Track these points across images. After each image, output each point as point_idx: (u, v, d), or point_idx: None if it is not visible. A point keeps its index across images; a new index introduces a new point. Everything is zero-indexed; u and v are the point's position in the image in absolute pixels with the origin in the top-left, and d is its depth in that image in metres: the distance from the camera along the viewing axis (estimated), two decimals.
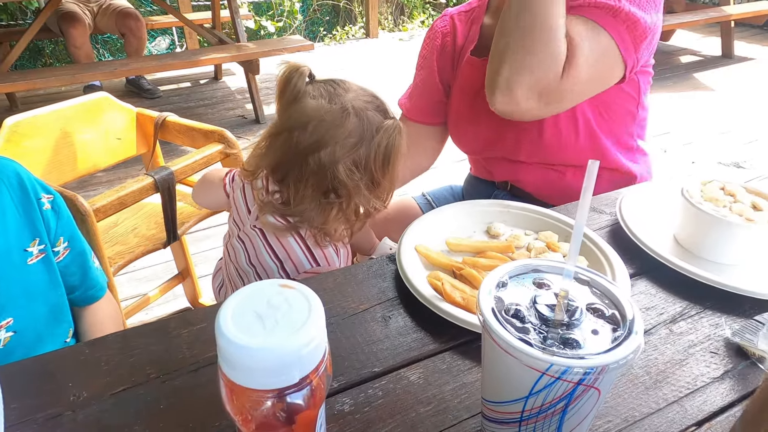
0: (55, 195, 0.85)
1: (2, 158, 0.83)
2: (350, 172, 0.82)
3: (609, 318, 0.41)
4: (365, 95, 0.85)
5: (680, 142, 3.07)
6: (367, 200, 0.86)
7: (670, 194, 0.85)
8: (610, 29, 0.87)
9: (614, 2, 0.87)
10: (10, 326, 0.76)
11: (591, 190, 0.40)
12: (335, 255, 0.92)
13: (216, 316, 0.35)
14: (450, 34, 1.15)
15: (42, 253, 0.81)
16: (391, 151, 0.84)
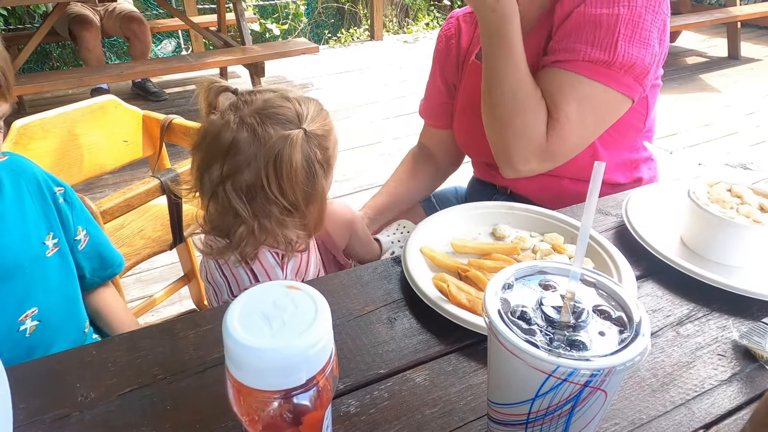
0: (66, 187, 0.89)
1: (21, 158, 0.87)
2: (239, 193, 0.76)
3: (615, 320, 0.41)
4: (272, 106, 0.77)
5: (686, 144, 3.06)
6: (282, 226, 0.78)
7: (676, 196, 0.84)
8: (605, 80, 0.88)
9: (608, 55, 0.86)
10: (35, 315, 0.80)
11: (597, 193, 0.40)
12: (276, 266, 0.85)
13: (223, 317, 0.35)
14: (454, 37, 1.15)
15: (56, 246, 0.84)
16: (283, 167, 0.73)
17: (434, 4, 6.20)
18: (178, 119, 1.45)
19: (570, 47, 0.89)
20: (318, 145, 0.77)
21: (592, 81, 0.88)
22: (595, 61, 0.87)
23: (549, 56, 0.92)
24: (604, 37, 0.86)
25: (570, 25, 0.89)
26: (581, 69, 0.88)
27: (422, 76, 4.15)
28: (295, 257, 0.87)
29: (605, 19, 0.86)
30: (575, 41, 0.88)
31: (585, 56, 0.87)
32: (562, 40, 0.90)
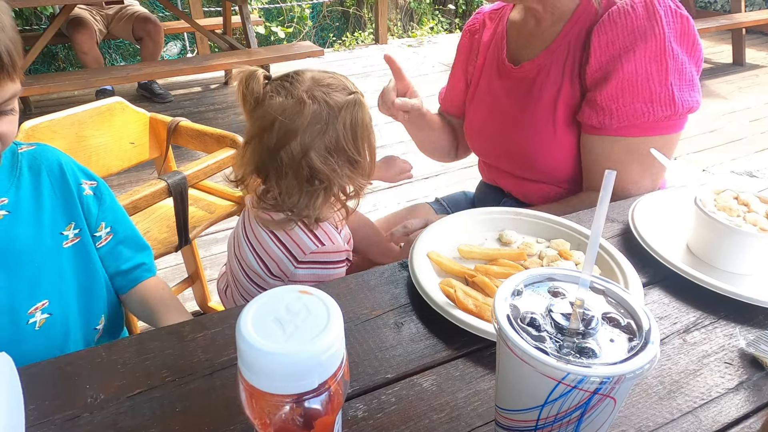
0: (99, 181, 0.89)
1: (48, 147, 0.88)
2: (324, 157, 0.84)
3: (625, 327, 0.41)
4: (323, 79, 0.85)
5: (691, 150, 3.06)
6: (351, 179, 0.88)
7: (682, 203, 0.84)
8: (668, 130, 0.93)
9: (670, 109, 0.90)
10: (46, 308, 0.79)
11: (607, 201, 0.40)
12: (335, 232, 0.93)
13: (237, 320, 0.35)
14: (478, 32, 1.18)
15: (77, 237, 0.84)
16: (357, 126, 0.85)
17: (439, 8, 6.22)
18: (185, 121, 1.46)
19: (630, 109, 0.91)
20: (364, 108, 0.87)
21: (655, 137, 0.93)
22: (659, 119, 0.91)
23: (607, 118, 0.93)
24: (660, 91, 0.90)
25: (622, 82, 0.91)
26: (647, 131, 0.93)
27: (427, 80, 4.18)
28: (344, 230, 0.96)
29: (656, 74, 0.89)
30: (633, 101, 0.91)
31: (650, 117, 0.91)
32: (617, 98, 0.92)
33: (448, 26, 6.09)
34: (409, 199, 2.58)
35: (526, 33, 1.06)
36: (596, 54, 0.92)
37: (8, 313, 0.75)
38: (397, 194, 2.63)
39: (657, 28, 0.88)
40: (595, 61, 0.93)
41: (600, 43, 0.92)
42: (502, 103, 1.08)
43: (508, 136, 1.07)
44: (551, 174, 1.05)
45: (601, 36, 0.92)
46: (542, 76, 1.01)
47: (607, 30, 0.91)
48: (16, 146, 0.82)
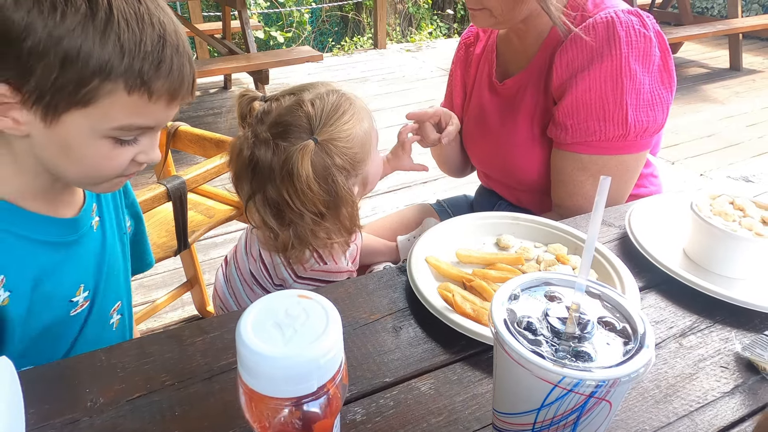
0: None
1: None
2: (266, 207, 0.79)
3: (620, 331, 0.41)
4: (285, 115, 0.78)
5: (688, 155, 3.07)
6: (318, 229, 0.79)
7: (679, 208, 0.85)
8: (621, 150, 0.94)
9: (622, 129, 0.90)
10: (119, 309, 0.80)
11: (602, 206, 0.41)
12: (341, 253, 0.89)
13: (236, 324, 0.36)
14: (472, 44, 1.20)
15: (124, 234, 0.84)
16: (295, 182, 0.74)
17: (438, 13, 6.25)
18: (184, 126, 1.46)
19: (583, 126, 0.92)
20: (335, 151, 0.76)
21: (606, 156, 0.94)
22: (610, 138, 0.92)
23: (562, 134, 0.95)
24: (614, 110, 0.90)
25: (577, 98, 0.91)
26: (599, 150, 0.93)
27: (425, 85, 4.20)
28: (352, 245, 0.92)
29: (611, 93, 0.90)
30: (587, 118, 0.92)
31: (601, 136, 0.92)
32: (571, 114, 0.93)
33: (446, 31, 6.11)
34: (407, 203, 2.59)
35: (511, 50, 1.09)
36: (558, 72, 0.94)
37: (97, 315, 0.75)
38: (396, 198, 2.63)
39: (614, 49, 0.88)
40: (557, 79, 0.95)
41: (561, 63, 0.93)
42: (490, 118, 1.11)
43: (494, 149, 1.11)
44: (537, 186, 1.06)
45: (562, 56, 0.93)
46: (521, 93, 1.03)
47: (569, 50, 0.93)
48: None
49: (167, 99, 0.60)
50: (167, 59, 0.58)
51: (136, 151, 0.63)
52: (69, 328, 0.71)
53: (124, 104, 0.57)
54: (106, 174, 0.63)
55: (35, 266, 0.65)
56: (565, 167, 0.96)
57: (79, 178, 0.64)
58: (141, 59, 0.56)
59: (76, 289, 0.71)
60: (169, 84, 0.59)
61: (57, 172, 0.63)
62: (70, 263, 0.70)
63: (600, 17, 0.90)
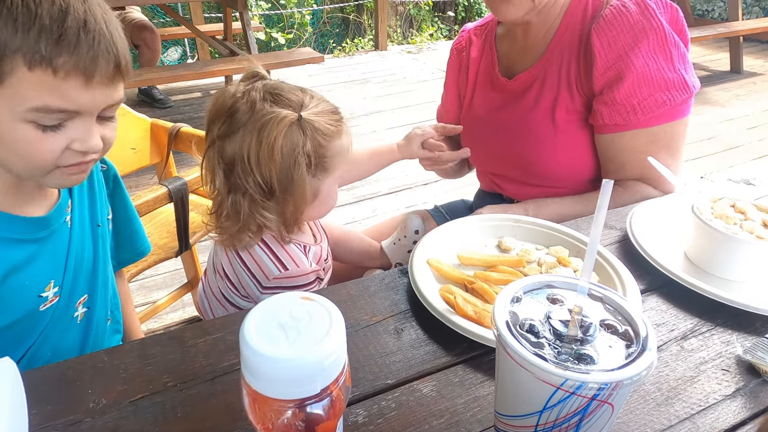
0: (109, 164, 0.87)
1: None
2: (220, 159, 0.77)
3: (622, 334, 0.41)
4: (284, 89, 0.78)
5: (688, 157, 3.07)
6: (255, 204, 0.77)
7: (680, 210, 0.85)
8: (683, 113, 0.96)
9: (686, 93, 0.94)
10: (86, 302, 0.80)
11: (605, 209, 0.41)
12: (301, 254, 0.85)
13: (240, 326, 0.36)
14: (465, 50, 1.20)
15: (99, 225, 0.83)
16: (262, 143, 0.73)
17: (439, 15, 6.26)
18: (186, 127, 1.46)
19: (650, 101, 0.94)
20: (311, 136, 0.75)
21: (674, 122, 0.96)
22: (679, 103, 0.94)
23: (630, 115, 0.95)
24: (673, 77, 0.93)
25: (637, 78, 0.93)
26: (667, 117, 0.95)
27: (426, 87, 4.20)
28: (315, 247, 0.90)
29: (665, 63, 0.93)
30: (651, 92, 0.93)
31: (671, 103, 0.94)
32: (635, 94, 0.94)
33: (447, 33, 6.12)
34: (408, 205, 2.59)
35: (516, 47, 1.09)
36: (601, 56, 0.95)
37: (63, 309, 0.76)
38: (396, 200, 2.64)
39: (653, 21, 0.92)
40: (601, 62, 0.95)
41: (602, 45, 0.95)
42: (498, 115, 1.10)
43: (507, 145, 1.09)
44: (553, 178, 1.06)
45: (601, 38, 0.95)
46: (537, 85, 1.03)
47: (606, 32, 0.94)
48: None
49: (81, 78, 0.59)
50: (70, 34, 0.57)
51: (67, 138, 0.61)
52: (37, 323, 0.72)
53: (30, 82, 0.57)
54: (39, 163, 0.62)
55: (3, 262, 0.66)
56: (637, 145, 0.97)
57: (21, 169, 0.64)
58: (37, 34, 0.55)
59: (46, 285, 0.72)
60: (75, 60, 0.57)
61: (3, 165, 0.64)
62: (41, 259, 0.71)
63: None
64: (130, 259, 0.96)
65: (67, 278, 0.75)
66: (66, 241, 0.75)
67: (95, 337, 0.83)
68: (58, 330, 0.76)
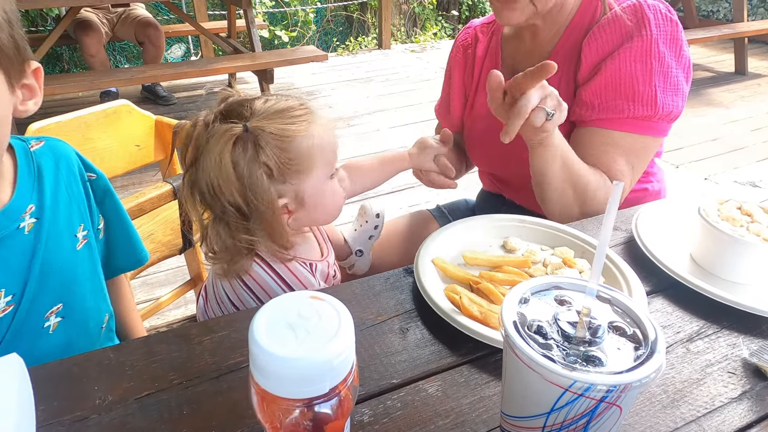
0: (99, 174, 0.86)
1: (58, 142, 0.82)
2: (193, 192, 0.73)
3: (630, 336, 0.41)
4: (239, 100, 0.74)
5: (693, 159, 3.07)
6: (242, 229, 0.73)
7: (686, 212, 0.85)
8: (647, 131, 0.95)
9: (650, 110, 0.92)
10: (60, 311, 0.78)
11: (615, 211, 0.41)
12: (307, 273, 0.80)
13: (250, 325, 0.36)
14: (471, 46, 1.18)
15: (86, 239, 0.82)
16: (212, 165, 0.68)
17: (442, 14, 6.25)
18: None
19: (611, 105, 0.93)
20: (265, 144, 0.69)
21: (636, 135, 0.94)
22: (638, 117, 0.92)
23: (588, 111, 0.95)
24: (643, 90, 0.91)
25: (606, 78, 0.93)
26: (626, 126, 0.94)
27: (429, 86, 4.20)
28: (322, 264, 0.84)
29: (640, 74, 0.91)
30: (615, 98, 0.93)
31: (629, 114, 0.92)
32: (600, 94, 0.94)
33: (451, 32, 6.11)
34: (410, 204, 2.59)
35: (523, 49, 1.08)
36: (586, 60, 0.95)
37: (25, 319, 0.73)
38: (398, 200, 2.64)
39: (644, 30, 0.91)
40: (584, 66, 0.96)
41: (590, 50, 0.95)
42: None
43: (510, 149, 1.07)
44: None
45: (591, 44, 0.95)
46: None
47: (597, 37, 0.94)
48: (26, 144, 0.78)
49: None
50: None
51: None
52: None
53: None
54: None
55: None
56: (594, 141, 0.96)
57: None
58: None
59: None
60: None
61: None
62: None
63: (627, 4, 0.93)
64: (127, 267, 0.95)
65: (30, 287, 0.72)
66: (21, 249, 0.71)
67: (86, 347, 0.81)
68: (24, 340, 0.73)
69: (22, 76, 0.68)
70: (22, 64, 0.67)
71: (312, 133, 0.74)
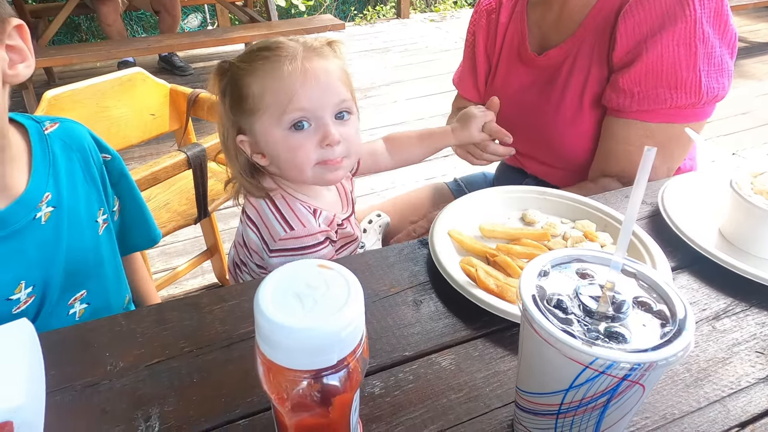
0: (114, 155, 0.84)
1: (73, 124, 0.78)
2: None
3: (657, 313, 0.39)
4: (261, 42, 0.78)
5: (721, 133, 2.96)
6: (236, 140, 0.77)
7: (715, 185, 0.81)
8: (691, 119, 0.89)
9: (695, 97, 0.86)
10: (84, 298, 0.77)
11: (645, 181, 0.38)
12: (309, 214, 0.79)
13: (255, 294, 0.35)
14: (495, 11, 1.12)
15: (105, 222, 0.81)
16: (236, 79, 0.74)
17: None
18: (205, 93, 1.45)
19: (652, 94, 0.87)
20: (230, 77, 0.75)
21: (675, 124, 0.89)
22: (681, 106, 0.87)
23: (626, 101, 0.89)
24: (687, 77, 0.85)
25: (647, 65, 0.87)
26: (668, 117, 0.89)
27: (449, 56, 4.10)
28: (327, 212, 0.82)
29: (684, 59, 0.85)
30: (657, 86, 0.87)
31: (671, 103, 0.87)
32: (640, 82, 0.88)
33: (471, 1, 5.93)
34: (427, 177, 2.55)
35: (549, 19, 1.02)
36: (622, 39, 0.89)
37: (52, 306, 0.72)
38: (415, 172, 2.60)
39: (688, 9, 0.83)
40: (621, 46, 0.89)
41: (626, 28, 0.88)
42: (525, 91, 1.05)
43: (531, 123, 1.04)
44: (574, 161, 1.02)
45: (627, 20, 0.88)
46: (569, 63, 0.97)
47: (634, 13, 0.87)
48: (40, 126, 0.74)
49: None
50: None
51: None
52: None
53: None
54: None
55: None
56: (629, 136, 0.91)
57: None
58: None
59: (14, 287, 0.67)
60: None
61: None
62: (3, 260, 0.66)
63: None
64: (141, 246, 0.94)
65: (54, 278, 0.70)
66: (39, 238, 0.69)
67: None
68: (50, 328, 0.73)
69: (3, 35, 0.62)
70: (1, 23, 0.62)
71: (270, 75, 0.72)
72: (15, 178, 0.68)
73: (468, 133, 0.97)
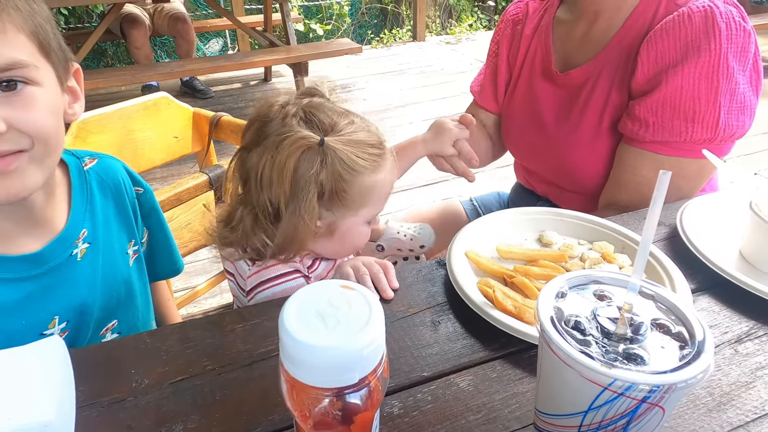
0: (146, 188, 0.85)
1: (109, 159, 0.79)
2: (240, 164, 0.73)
3: (675, 335, 0.39)
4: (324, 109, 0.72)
5: (742, 152, 2.92)
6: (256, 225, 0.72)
7: (735, 206, 0.80)
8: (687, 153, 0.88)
9: (710, 133, 0.84)
10: (115, 328, 0.78)
11: (661, 203, 0.39)
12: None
13: (280, 314, 0.36)
14: (521, 23, 1.11)
15: (136, 253, 0.82)
16: (275, 159, 0.67)
17: (478, 4, 6.14)
18: (227, 116, 1.49)
19: (668, 125, 0.86)
20: (330, 165, 0.68)
21: (687, 159, 0.87)
22: (697, 141, 0.85)
23: (641, 129, 0.88)
24: (705, 111, 0.83)
25: (665, 95, 0.85)
26: (681, 152, 0.87)
27: (464, 78, 4.14)
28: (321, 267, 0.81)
29: (704, 93, 0.83)
30: (673, 117, 0.85)
31: (686, 137, 0.85)
32: (656, 112, 0.86)
33: (487, 23, 6.00)
34: (443, 197, 2.56)
35: (575, 37, 1.01)
36: (643, 67, 0.87)
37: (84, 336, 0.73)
38: (432, 192, 2.61)
39: (714, 42, 0.81)
40: (641, 74, 0.88)
41: (649, 56, 0.87)
42: (544, 110, 1.04)
43: (550, 145, 1.03)
44: (585, 185, 1.01)
45: (650, 47, 0.86)
46: (590, 85, 0.96)
47: (658, 41, 0.86)
48: (80, 161, 0.76)
49: None
50: None
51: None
52: None
53: None
54: None
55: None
56: (640, 167, 0.90)
57: None
58: None
59: (48, 322, 0.68)
60: None
61: None
62: (39, 297, 0.67)
63: (696, 7, 0.83)
64: (164, 276, 0.96)
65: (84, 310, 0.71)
66: (74, 276, 0.70)
67: None
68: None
69: (68, 76, 0.66)
70: (66, 63, 0.66)
71: (377, 175, 0.73)
72: (56, 214, 0.70)
73: (439, 146, 0.97)
